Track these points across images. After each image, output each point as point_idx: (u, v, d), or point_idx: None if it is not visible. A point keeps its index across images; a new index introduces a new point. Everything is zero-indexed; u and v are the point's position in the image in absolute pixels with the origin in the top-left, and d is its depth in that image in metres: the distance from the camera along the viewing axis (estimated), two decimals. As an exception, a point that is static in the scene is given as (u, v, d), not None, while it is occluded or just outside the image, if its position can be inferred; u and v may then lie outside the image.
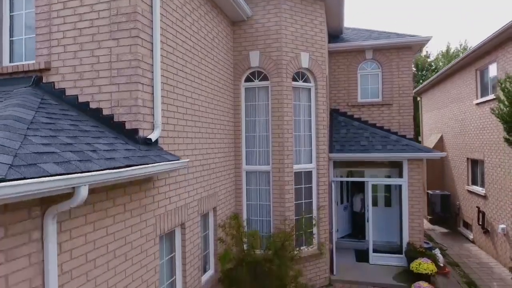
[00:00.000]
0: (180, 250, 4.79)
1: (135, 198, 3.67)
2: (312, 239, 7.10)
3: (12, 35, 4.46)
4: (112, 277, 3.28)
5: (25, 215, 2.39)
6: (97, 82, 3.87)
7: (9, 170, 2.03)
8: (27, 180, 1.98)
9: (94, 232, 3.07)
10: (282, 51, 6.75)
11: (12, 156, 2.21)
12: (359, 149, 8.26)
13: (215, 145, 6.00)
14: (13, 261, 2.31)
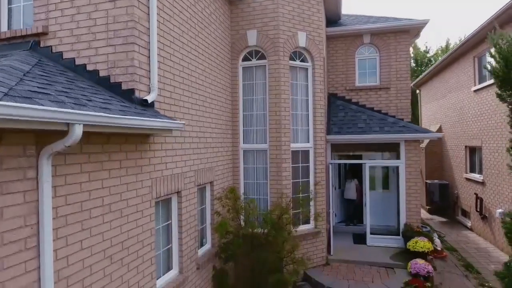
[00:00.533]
0: (176, 219, 4.83)
1: (131, 157, 3.70)
2: (309, 217, 7.13)
3: (10, 3, 4.50)
4: (107, 231, 3.32)
5: (20, 152, 2.42)
6: (94, 45, 3.91)
7: (4, 96, 2.07)
8: (22, 104, 2.01)
9: (90, 182, 3.11)
10: (279, 29, 6.79)
11: (8, 89, 2.25)
12: (357, 131, 8.29)
13: (212, 120, 6.04)
14: (8, 195, 2.34)
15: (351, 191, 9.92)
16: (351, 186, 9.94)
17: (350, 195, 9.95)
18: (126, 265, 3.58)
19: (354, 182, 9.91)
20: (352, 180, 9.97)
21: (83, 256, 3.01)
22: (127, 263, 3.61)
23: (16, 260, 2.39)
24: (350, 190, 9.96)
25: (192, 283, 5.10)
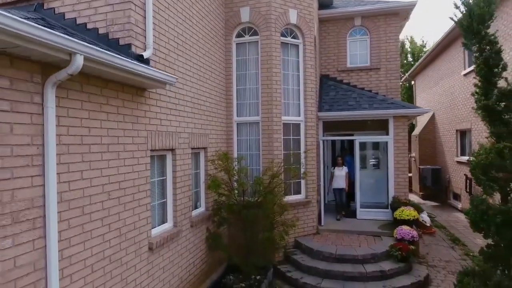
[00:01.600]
0: (171, 175, 5.13)
1: (127, 106, 4.01)
2: (300, 188, 7.44)
3: (15, -29, 4.80)
4: (105, 168, 3.63)
5: (28, 77, 2.73)
6: (93, 5, 4.21)
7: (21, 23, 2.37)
8: (35, 24, 2.32)
9: (89, 120, 3.41)
10: (271, 6, 7.10)
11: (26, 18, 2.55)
12: (347, 108, 8.60)
13: (206, 90, 6.34)
14: (18, 114, 2.65)
15: (341, 179, 8.73)
16: (341, 174, 8.74)
17: (340, 184, 8.75)
18: (123, 204, 3.89)
19: (345, 169, 8.75)
20: (342, 168, 8.77)
21: (83, 186, 3.32)
22: (124, 203, 3.91)
23: (24, 173, 2.69)
24: (339, 178, 8.74)
25: (186, 238, 5.41)
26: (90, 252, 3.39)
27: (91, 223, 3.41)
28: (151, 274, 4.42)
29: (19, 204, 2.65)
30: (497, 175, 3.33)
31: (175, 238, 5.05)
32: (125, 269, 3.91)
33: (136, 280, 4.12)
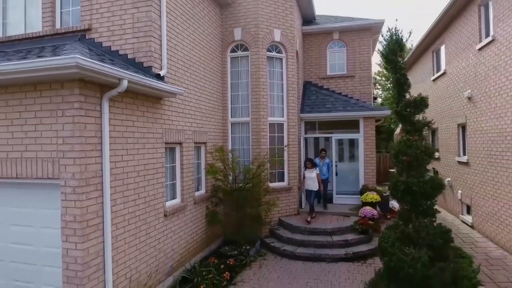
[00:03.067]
0: (179, 162, 6.73)
1: (150, 110, 5.60)
2: (283, 175, 9.05)
3: (61, 8, 6.40)
4: (135, 154, 5.22)
5: (93, 94, 4.32)
6: (124, 37, 5.81)
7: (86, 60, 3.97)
8: (101, 63, 3.91)
9: (126, 121, 5.01)
10: (258, 27, 8.69)
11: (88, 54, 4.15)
12: (325, 110, 10.20)
13: (205, 95, 7.94)
14: (88, 117, 4.24)
15: (313, 181, 8.84)
16: (311, 176, 8.84)
17: (311, 186, 8.88)
18: (147, 180, 5.49)
19: (315, 171, 8.90)
20: (313, 170, 8.90)
21: (123, 165, 4.92)
22: (147, 179, 5.51)
23: (91, 154, 4.29)
24: (310, 180, 8.86)
25: (190, 212, 7.01)
26: (127, 210, 4.99)
27: (127, 191, 5.01)
28: (165, 233, 6.03)
29: (89, 174, 4.26)
30: (402, 158, 4.90)
31: (182, 211, 6.65)
32: (148, 226, 5.51)
33: (156, 236, 5.72)
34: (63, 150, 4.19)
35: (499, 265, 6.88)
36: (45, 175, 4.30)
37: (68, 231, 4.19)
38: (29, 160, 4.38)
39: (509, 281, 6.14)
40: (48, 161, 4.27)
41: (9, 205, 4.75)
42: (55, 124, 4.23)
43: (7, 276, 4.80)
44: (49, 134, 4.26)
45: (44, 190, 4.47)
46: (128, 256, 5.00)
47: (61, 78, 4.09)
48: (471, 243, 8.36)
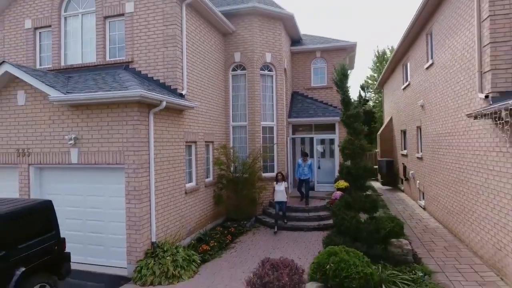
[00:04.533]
0: (194, 156, 9.22)
1: (175, 119, 8.10)
2: (273, 167, 11.54)
3: (110, 45, 8.90)
4: (167, 149, 7.70)
5: (143, 110, 6.82)
6: (158, 68, 8.30)
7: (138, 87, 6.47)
8: (149, 92, 6.41)
9: (162, 127, 7.50)
10: (254, 52, 11.17)
11: (139, 85, 6.64)
12: (308, 116, 12.68)
13: (213, 105, 10.44)
14: (142, 125, 6.74)
15: (282, 193, 9.55)
16: (280, 189, 9.53)
17: (281, 198, 9.56)
18: (174, 167, 7.98)
19: (284, 184, 9.60)
20: (282, 183, 9.59)
21: (160, 157, 7.40)
22: (174, 167, 8.00)
23: (143, 149, 6.79)
24: (281, 193, 9.54)
25: (202, 192, 9.51)
26: (163, 186, 7.50)
27: (163, 174, 7.51)
28: (186, 206, 8.53)
29: (142, 161, 6.77)
30: (346, 151, 7.31)
31: (196, 191, 9.14)
32: (175, 199, 8.01)
33: (179, 206, 8.22)
34: (127, 146, 6.70)
35: (430, 232, 9.33)
36: (114, 162, 6.81)
37: (129, 197, 6.70)
38: (103, 152, 6.90)
39: (430, 240, 8.58)
40: (116, 153, 6.78)
41: (88, 183, 7.27)
42: (121, 129, 6.74)
43: (85, 229, 7.30)
44: (117, 136, 6.77)
45: (113, 172, 6.98)
46: (163, 217, 7.50)
47: (127, 101, 6.60)
48: (418, 219, 10.81)
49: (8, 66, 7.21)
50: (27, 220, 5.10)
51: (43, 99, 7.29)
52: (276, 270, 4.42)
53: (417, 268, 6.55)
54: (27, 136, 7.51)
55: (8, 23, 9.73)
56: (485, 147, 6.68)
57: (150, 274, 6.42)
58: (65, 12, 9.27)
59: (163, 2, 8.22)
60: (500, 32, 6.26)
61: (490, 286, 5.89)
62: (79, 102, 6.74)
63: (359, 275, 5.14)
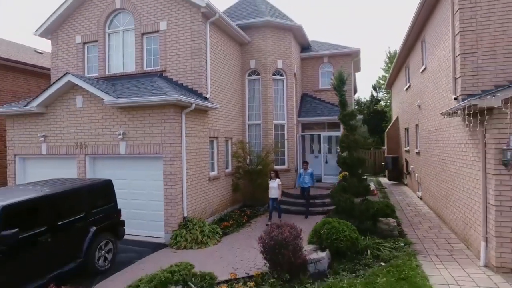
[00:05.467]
0: (216, 149, 10.90)
1: (201, 118, 9.78)
2: (284, 160, 13.10)
3: (146, 57, 10.67)
4: (195, 143, 9.38)
5: (177, 111, 8.53)
6: (186, 75, 10.01)
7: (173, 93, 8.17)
8: (183, 96, 8.11)
9: (191, 124, 9.18)
10: (267, 59, 12.76)
11: (174, 91, 8.34)
12: (315, 115, 14.15)
13: (231, 106, 12.09)
14: (176, 123, 8.45)
15: (275, 190, 10.07)
16: (273, 186, 10.07)
17: (273, 194, 10.11)
18: (200, 158, 9.66)
19: (277, 182, 10.12)
20: (275, 180, 10.12)
21: (189, 149, 9.09)
22: (201, 157, 9.67)
23: (177, 142, 8.49)
24: (274, 190, 10.08)
25: (222, 181, 11.17)
26: (192, 173, 9.18)
27: (192, 163, 9.19)
28: (209, 190, 10.20)
29: (176, 151, 8.47)
30: (343, 144, 8.77)
31: (218, 179, 10.81)
32: (201, 184, 9.69)
33: (204, 190, 9.90)
34: (165, 139, 8.42)
35: (420, 216, 10.68)
36: (154, 152, 8.54)
37: (167, 180, 8.42)
38: (145, 145, 8.64)
39: (419, 222, 9.94)
40: (156, 145, 8.51)
41: (132, 169, 9.04)
42: (160, 126, 8.47)
43: (130, 207, 9.06)
44: (157, 132, 8.50)
45: (153, 160, 8.72)
46: (192, 197, 9.19)
47: (165, 104, 8.31)
48: (413, 207, 12.14)
49: (70, 76, 9.07)
50: (96, 193, 6.87)
51: (97, 102, 9.11)
52: (280, 228, 5.99)
53: (400, 240, 8.00)
54: (84, 132, 9.36)
55: (61, 39, 11.67)
56: (458, 140, 8.05)
57: (183, 241, 8.12)
58: (109, 29, 11.12)
59: (191, 21, 9.92)
60: (468, 45, 7.61)
61: (457, 252, 7.28)
62: (128, 104, 8.52)
63: (346, 238, 6.67)
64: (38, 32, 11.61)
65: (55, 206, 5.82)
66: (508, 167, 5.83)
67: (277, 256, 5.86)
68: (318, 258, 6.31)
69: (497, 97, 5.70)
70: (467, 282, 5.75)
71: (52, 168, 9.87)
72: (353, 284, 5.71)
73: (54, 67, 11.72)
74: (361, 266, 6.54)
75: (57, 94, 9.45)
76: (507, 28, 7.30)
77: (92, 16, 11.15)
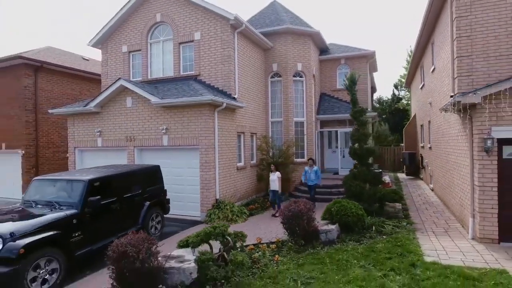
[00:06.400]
0: (243, 143, 12.41)
1: (230, 115, 11.32)
2: (303, 154, 14.45)
3: (182, 63, 12.34)
4: (226, 137, 10.94)
5: (211, 110, 10.11)
6: (217, 78, 11.59)
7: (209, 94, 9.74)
8: (216, 97, 9.68)
9: (222, 121, 10.73)
10: (287, 62, 14.15)
11: (209, 92, 9.92)
12: (332, 113, 15.39)
13: (256, 105, 13.58)
14: (210, 121, 10.03)
15: (275, 183, 10.55)
16: (273, 178, 10.60)
17: (273, 187, 10.60)
18: (229, 150, 11.18)
19: (277, 174, 10.60)
20: (275, 173, 10.64)
21: (220, 142, 10.65)
22: (229, 149, 11.20)
23: (211, 136, 10.08)
24: (273, 182, 10.58)
25: (248, 171, 12.68)
26: (223, 163, 10.74)
27: (223, 153, 10.74)
28: (237, 179, 11.72)
29: (210, 143, 10.05)
30: (354, 138, 10.00)
31: (244, 169, 12.33)
32: (230, 172, 11.23)
33: (232, 178, 11.42)
34: (200, 133, 10.02)
35: (428, 204, 11.72)
36: (192, 144, 10.16)
37: (202, 167, 10.02)
38: (184, 138, 10.28)
39: (425, 208, 11.00)
40: (193, 138, 10.13)
41: (173, 158, 10.72)
42: (197, 122, 10.08)
43: (171, 191, 10.68)
44: (194, 127, 10.11)
45: (190, 151, 10.35)
46: (223, 183, 10.74)
47: (201, 103, 9.90)
48: (424, 197, 13.15)
49: (122, 81, 10.87)
50: (148, 175, 8.55)
51: (144, 102, 10.86)
52: (296, 203, 7.39)
53: (403, 221, 9.19)
54: (133, 127, 11.14)
55: (110, 48, 13.58)
56: (456, 134, 9.13)
57: (216, 218, 9.68)
58: (151, 40, 12.89)
59: (221, 32, 11.48)
60: (464, 49, 8.67)
61: (452, 230, 8.40)
62: (170, 104, 10.18)
63: (353, 214, 7.98)
64: (90, 43, 13.58)
65: (122, 182, 7.53)
66: (488, 153, 6.95)
67: (294, 225, 7.27)
68: (329, 229, 7.67)
69: (477, 94, 6.83)
70: (452, 248, 6.93)
71: (105, 158, 11.74)
72: (356, 248, 7.04)
73: (104, 73, 13.65)
74: (365, 238, 7.82)
75: (111, 96, 11.30)
76: (498, 34, 8.33)
77: (136, 29, 12.97)
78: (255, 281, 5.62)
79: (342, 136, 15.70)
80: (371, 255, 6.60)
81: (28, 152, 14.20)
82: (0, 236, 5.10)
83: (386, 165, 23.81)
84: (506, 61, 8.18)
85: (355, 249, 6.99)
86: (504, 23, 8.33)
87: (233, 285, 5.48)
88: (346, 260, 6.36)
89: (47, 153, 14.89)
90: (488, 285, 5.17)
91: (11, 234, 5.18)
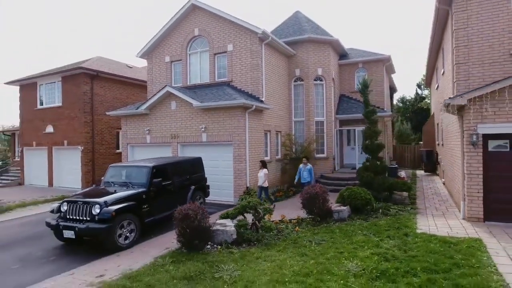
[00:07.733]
0: (269, 140, 14.21)
1: (259, 116, 13.14)
2: (323, 150, 16.06)
3: (216, 71, 14.32)
4: (254, 134, 12.77)
5: (241, 111, 11.98)
6: (247, 84, 13.45)
7: (240, 97, 11.60)
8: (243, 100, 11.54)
9: (251, 121, 12.58)
10: (309, 68, 15.81)
11: (241, 96, 11.79)
12: (350, 113, 16.87)
13: (280, 107, 15.33)
14: (241, 119, 11.91)
15: (261, 179, 11.15)
16: (260, 175, 11.22)
17: (259, 182, 11.23)
18: (258, 146, 13.02)
19: (264, 171, 11.17)
20: (262, 170, 11.23)
21: (250, 138, 12.50)
22: (258, 145, 13.04)
23: (243, 133, 11.96)
24: (260, 178, 11.21)
25: (273, 164, 14.46)
26: (252, 156, 12.58)
27: (252, 149, 12.59)
28: (264, 170, 13.56)
29: (242, 140, 11.94)
30: (366, 134, 11.50)
31: (270, 163, 14.11)
32: (258, 165, 13.07)
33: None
34: (234, 131, 11.92)
35: (436, 195, 13.01)
36: (226, 140, 12.08)
37: (235, 160, 11.92)
38: (220, 135, 12.22)
39: (432, 198, 12.33)
40: (227, 135, 12.05)
41: (210, 152, 12.70)
42: (230, 121, 11.98)
43: (208, 179, 12.69)
44: (228, 126, 12.03)
45: (225, 146, 12.28)
46: (252, 174, 12.57)
47: (235, 106, 11.79)
48: (434, 189, 14.40)
49: (168, 87, 12.98)
50: (193, 164, 10.54)
51: (186, 105, 12.91)
52: (313, 187, 9.10)
53: (408, 206, 10.64)
54: (177, 127, 13.23)
55: (155, 59, 15.80)
56: (455, 131, 10.47)
57: (247, 202, 11.53)
58: (190, 51, 14.97)
59: (250, 43, 13.34)
60: (461, 57, 10.01)
61: (449, 213, 9.79)
62: (209, 107, 12.15)
63: (362, 198, 9.57)
64: (138, 55, 15.86)
65: (174, 169, 9.55)
66: (474, 146, 8.35)
67: (311, 204, 8.99)
68: (341, 210, 9.32)
69: (463, 97, 8.26)
70: (443, 225, 8.40)
71: (152, 153, 13.91)
72: (362, 224, 8.66)
73: (150, 80, 15.90)
74: (372, 217, 9.38)
75: (158, 100, 13.45)
76: (491, 43, 9.64)
77: (177, 41, 15.09)
78: (280, 242, 7.41)
79: (360, 134, 17.12)
80: (373, 228, 8.20)
81: (86, 148, 16.73)
82: (99, 203, 7.20)
83: (406, 162, 24.82)
84: (498, 67, 9.47)
85: (361, 224, 8.61)
86: (497, 34, 9.62)
87: (263, 244, 7.30)
88: (352, 231, 8.01)
89: (101, 149, 17.39)
90: (462, 248, 6.67)
91: (105, 202, 7.26)
